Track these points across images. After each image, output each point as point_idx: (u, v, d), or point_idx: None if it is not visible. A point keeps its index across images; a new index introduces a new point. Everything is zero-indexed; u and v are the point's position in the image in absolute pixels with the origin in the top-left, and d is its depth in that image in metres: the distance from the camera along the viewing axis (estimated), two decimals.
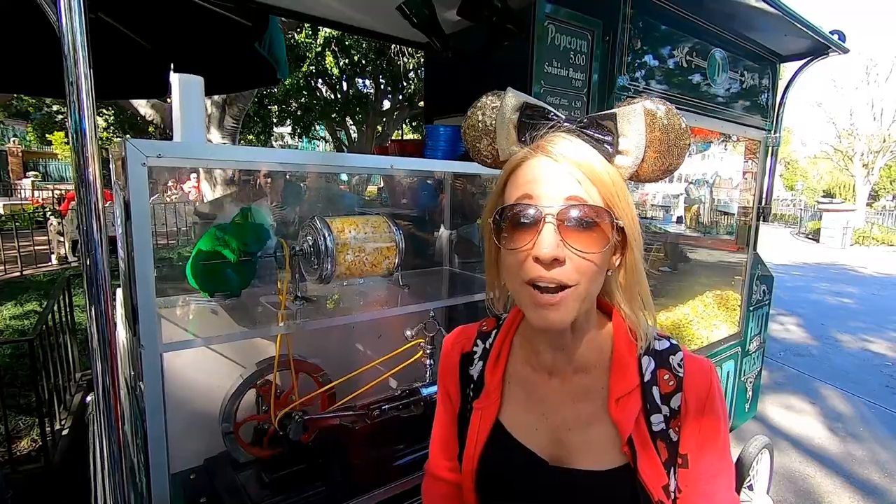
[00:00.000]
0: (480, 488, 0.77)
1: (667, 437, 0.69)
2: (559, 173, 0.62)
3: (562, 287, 0.62)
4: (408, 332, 1.64)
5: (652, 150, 0.65)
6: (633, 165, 0.66)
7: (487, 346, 0.82)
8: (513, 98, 0.70)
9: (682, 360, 0.72)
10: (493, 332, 0.83)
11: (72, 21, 0.70)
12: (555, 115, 0.68)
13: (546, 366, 0.75)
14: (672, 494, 0.69)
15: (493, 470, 0.75)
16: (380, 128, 13.53)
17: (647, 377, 0.70)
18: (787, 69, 2.80)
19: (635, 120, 0.65)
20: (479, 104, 0.74)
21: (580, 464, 0.70)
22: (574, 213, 0.61)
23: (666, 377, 0.70)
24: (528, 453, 0.73)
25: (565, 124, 0.67)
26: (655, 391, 0.70)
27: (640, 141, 0.65)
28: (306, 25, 8.80)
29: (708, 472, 0.71)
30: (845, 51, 2.43)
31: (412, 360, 1.62)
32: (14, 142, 20.13)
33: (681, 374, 0.70)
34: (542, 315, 0.63)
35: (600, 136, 0.66)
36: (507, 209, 0.64)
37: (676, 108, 0.67)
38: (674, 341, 0.75)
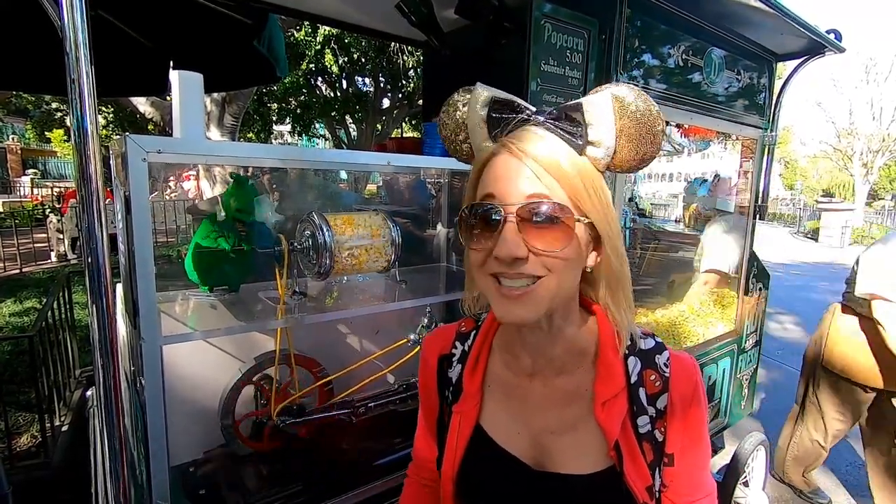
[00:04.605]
0: (461, 493, 0.75)
1: (652, 438, 0.68)
2: (521, 170, 0.60)
3: (528, 281, 0.60)
4: (424, 321, 1.63)
5: (624, 139, 0.62)
6: (605, 156, 0.63)
7: (466, 348, 0.79)
8: (482, 93, 0.67)
9: (668, 359, 0.70)
10: (472, 334, 0.80)
11: (73, 19, 0.70)
12: (524, 108, 0.66)
13: (526, 369, 0.73)
14: (656, 494, 0.69)
15: (474, 475, 0.74)
16: (379, 126, 13.53)
17: (633, 378, 0.69)
18: (784, 68, 2.82)
19: (603, 108, 0.61)
20: (451, 101, 0.72)
21: (564, 467, 0.69)
22: (535, 210, 0.58)
23: (652, 377, 0.69)
24: (510, 458, 0.72)
25: (535, 117, 0.65)
26: (642, 392, 0.68)
27: (610, 130, 0.62)
28: (306, 23, 8.81)
29: (694, 465, 0.71)
30: (841, 50, 2.44)
31: (409, 355, 1.63)
32: (13, 139, 20.14)
33: (667, 375, 0.69)
34: (508, 308, 0.61)
35: (570, 127, 0.63)
36: (471, 208, 0.63)
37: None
38: (658, 339, 0.73)
